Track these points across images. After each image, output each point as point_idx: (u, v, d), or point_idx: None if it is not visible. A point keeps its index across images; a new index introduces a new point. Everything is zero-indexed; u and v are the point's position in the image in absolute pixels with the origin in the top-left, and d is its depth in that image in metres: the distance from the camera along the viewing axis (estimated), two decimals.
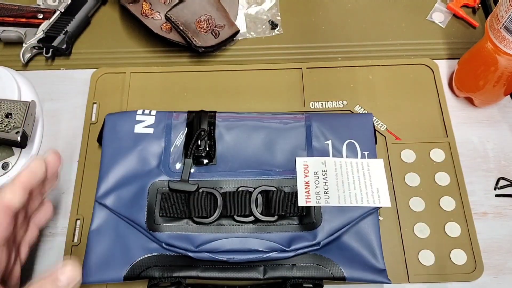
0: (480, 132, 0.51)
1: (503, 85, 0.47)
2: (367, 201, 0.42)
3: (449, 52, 0.55)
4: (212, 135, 0.45)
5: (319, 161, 0.44)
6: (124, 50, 0.56)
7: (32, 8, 0.56)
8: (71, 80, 0.54)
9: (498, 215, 0.46)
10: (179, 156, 0.45)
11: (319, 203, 0.42)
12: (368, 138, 0.46)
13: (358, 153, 0.45)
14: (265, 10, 0.59)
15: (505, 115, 0.52)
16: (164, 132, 0.46)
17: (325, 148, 0.45)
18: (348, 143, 0.45)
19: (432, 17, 0.58)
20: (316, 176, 0.43)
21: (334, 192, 0.42)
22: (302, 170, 0.43)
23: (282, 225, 0.41)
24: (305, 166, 0.44)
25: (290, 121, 0.46)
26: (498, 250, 0.45)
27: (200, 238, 0.40)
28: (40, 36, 0.54)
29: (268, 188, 0.42)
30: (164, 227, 0.41)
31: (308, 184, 0.43)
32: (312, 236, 0.41)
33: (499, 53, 0.44)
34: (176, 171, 0.44)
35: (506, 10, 0.41)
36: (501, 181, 0.48)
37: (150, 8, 0.54)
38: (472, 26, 0.57)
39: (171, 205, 0.42)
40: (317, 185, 0.43)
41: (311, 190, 0.42)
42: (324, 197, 0.42)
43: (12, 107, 0.46)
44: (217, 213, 0.41)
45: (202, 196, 0.42)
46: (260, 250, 0.40)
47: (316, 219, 0.41)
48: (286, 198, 0.42)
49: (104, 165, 0.44)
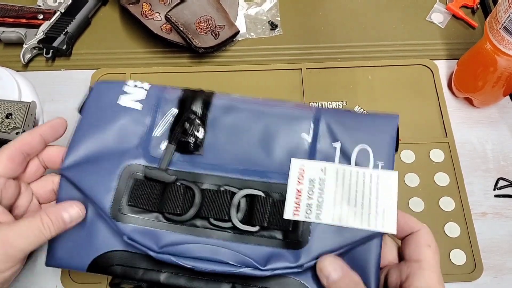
0: (479, 132, 0.51)
1: (502, 86, 0.47)
2: (367, 224, 0.34)
3: (448, 53, 0.55)
4: (204, 119, 0.39)
5: (318, 167, 0.36)
6: (124, 51, 0.57)
7: (32, 9, 0.56)
8: (71, 80, 0.54)
9: (498, 215, 0.46)
10: (163, 139, 0.38)
11: (308, 218, 0.35)
12: (387, 145, 0.37)
13: (370, 162, 0.37)
14: (265, 10, 0.59)
15: (504, 115, 0.52)
16: (153, 109, 0.39)
17: (330, 152, 0.37)
18: (361, 149, 0.37)
19: (431, 17, 0.58)
20: (312, 184, 0.36)
21: (329, 208, 0.35)
22: (296, 174, 0.36)
23: (263, 237, 0.35)
24: (301, 170, 0.36)
25: (296, 110, 0.39)
26: (498, 250, 0.45)
27: (167, 238, 0.35)
28: (40, 37, 0.54)
29: (254, 192, 0.36)
30: (129, 218, 0.35)
31: (300, 193, 0.36)
32: (294, 257, 0.34)
33: (498, 54, 0.44)
34: (156, 156, 0.38)
35: (505, 11, 0.41)
36: (501, 182, 0.48)
37: (150, 9, 0.55)
38: (472, 26, 0.57)
39: (143, 195, 0.36)
40: (310, 195, 0.36)
41: (302, 201, 0.35)
42: (315, 212, 0.35)
43: (12, 108, 0.46)
44: (192, 212, 0.35)
45: (178, 190, 0.36)
46: (231, 263, 0.34)
47: (303, 237, 0.34)
48: (273, 206, 0.35)
49: (77, 134, 0.38)
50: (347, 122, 0.38)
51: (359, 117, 0.39)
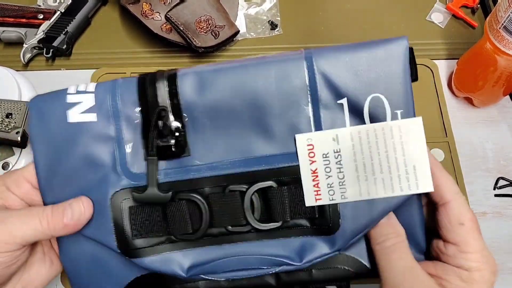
0: (479, 132, 0.51)
1: (502, 85, 0.47)
2: (399, 189, 0.30)
3: (448, 52, 0.55)
4: (178, 110, 0.32)
5: (329, 137, 0.31)
6: (124, 50, 0.57)
7: (33, 9, 0.56)
8: (71, 80, 0.54)
9: (498, 215, 0.46)
10: (138, 148, 0.32)
11: (333, 200, 0.31)
12: (401, 84, 0.31)
13: (387, 113, 0.31)
14: (265, 10, 0.59)
15: (504, 115, 0.52)
16: (112, 115, 0.32)
17: (337, 112, 0.31)
18: (373, 99, 0.31)
19: (431, 17, 0.58)
20: (327, 160, 0.31)
21: (353, 182, 0.30)
22: (306, 152, 0.31)
23: (289, 228, 0.32)
24: (310, 147, 0.31)
25: (283, 66, 0.31)
26: (498, 250, 0.45)
27: (189, 258, 0.32)
28: (40, 37, 0.54)
29: (265, 185, 0.32)
30: (142, 252, 0.32)
31: (316, 173, 0.31)
32: (329, 243, 0.31)
33: (498, 53, 0.44)
34: (140, 172, 0.32)
35: (505, 11, 0.41)
36: (501, 181, 0.48)
37: (150, 9, 0.55)
38: (472, 26, 0.57)
39: (144, 222, 0.32)
40: (328, 173, 0.31)
41: (321, 182, 0.31)
42: (339, 191, 0.31)
43: (12, 107, 0.46)
44: (204, 226, 0.32)
45: (180, 207, 0.32)
46: (264, 268, 0.32)
47: (333, 221, 0.31)
48: (291, 195, 0.31)
49: (41, 176, 0.32)
50: (349, 64, 0.32)
51: (356, 53, 0.32)
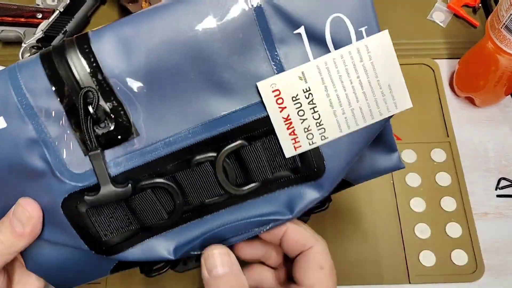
0: (481, 132, 0.50)
1: (504, 85, 0.47)
2: (379, 114, 0.28)
3: (449, 52, 0.55)
4: (106, 85, 0.26)
5: (294, 76, 0.27)
6: None
7: (31, 8, 0.56)
8: None
9: (499, 215, 0.46)
10: (73, 143, 0.26)
11: (314, 144, 0.28)
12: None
13: (351, 34, 0.28)
14: None
15: (506, 115, 0.52)
16: (24, 113, 0.26)
17: (296, 45, 0.27)
18: (333, 20, 0.27)
19: (432, 16, 0.58)
20: (297, 103, 0.27)
21: (331, 119, 0.28)
22: (273, 100, 0.27)
23: (272, 183, 0.29)
24: (276, 92, 0.27)
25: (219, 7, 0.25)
26: (499, 251, 0.44)
27: (172, 239, 0.29)
28: (39, 36, 0.54)
29: (233, 146, 0.27)
30: (120, 247, 0.29)
31: (290, 120, 0.28)
32: (317, 188, 0.29)
33: (499, 53, 0.44)
34: (84, 171, 0.27)
35: (507, 10, 0.40)
36: (502, 181, 0.48)
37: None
38: (473, 25, 0.57)
39: (109, 221, 0.28)
40: (302, 117, 0.28)
41: (296, 128, 0.28)
42: (318, 132, 0.28)
43: None
44: (178, 208, 0.28)
45: (147, 197, 0.28)
46: (257, 229, 0.29)
47: (317, 165, 0.28)
48: (266, 149, 0.28)
49: None
50: None
51: None
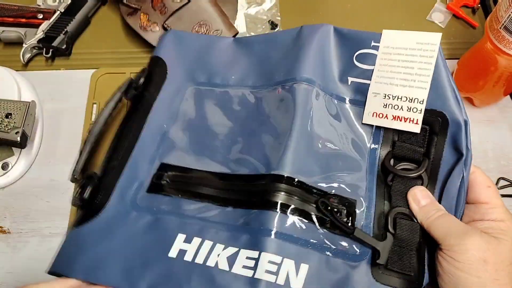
0: (479, 132, 0.51)
1: (503, 85, 0.47)
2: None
3: (448, 52, 0.55)
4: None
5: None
6: (124, 50, 0.56)
7: (32, 8, 0.56)
8: (71, 80, 0.54)
9: None
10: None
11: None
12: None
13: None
14: (265, 10, 0.59)
15: (504, 115, 0.52)
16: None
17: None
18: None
19: (432, 17, 0.58)
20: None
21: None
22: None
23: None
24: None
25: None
26: None
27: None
28: (40, 36, 0.54)
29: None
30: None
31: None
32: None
33: (498, 53, 0.44)
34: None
35: (506, 10, 0.41)
36: (501, 181, 0.48)
37: (147, 20, 0.54)
38: (472, 26, 0.57)
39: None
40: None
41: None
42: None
43: (12, 107, 0.46)
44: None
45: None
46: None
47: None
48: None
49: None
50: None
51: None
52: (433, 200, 0.37)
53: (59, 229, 0.46)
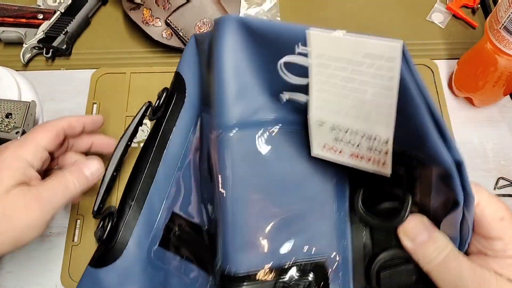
0: (479, 132, 0.51)
1: (503, 85, 0.47)
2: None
3: (448, 53, 0.55)
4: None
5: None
6: (124, 50, 0.56)
7: (32, 9, 0.56)
8: (71, 80, 0.54)
9: None
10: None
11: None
12: None
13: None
14: (265, 10, 0.59)
15: (504, 115, 0.52)
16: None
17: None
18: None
19: (431, 17, 0.58)
20: None
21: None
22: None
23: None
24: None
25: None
26: None
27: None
28: (40, 37, 0.54)
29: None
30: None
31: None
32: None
33: (498, 53, 0.44)
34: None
35: (506, 11, 0.41)
36: (501, 181, 0.48)
37: (150, 15, 0.54)
38: (472, 26, 0.57)
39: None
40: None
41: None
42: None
43: (12, 107, 0.46)
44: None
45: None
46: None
47: None
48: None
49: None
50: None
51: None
52: (433, 232, 0.29)
53: (59, 229, 0.46)
